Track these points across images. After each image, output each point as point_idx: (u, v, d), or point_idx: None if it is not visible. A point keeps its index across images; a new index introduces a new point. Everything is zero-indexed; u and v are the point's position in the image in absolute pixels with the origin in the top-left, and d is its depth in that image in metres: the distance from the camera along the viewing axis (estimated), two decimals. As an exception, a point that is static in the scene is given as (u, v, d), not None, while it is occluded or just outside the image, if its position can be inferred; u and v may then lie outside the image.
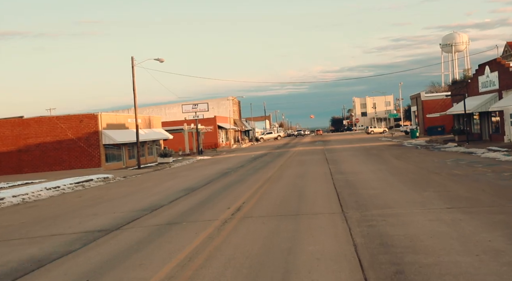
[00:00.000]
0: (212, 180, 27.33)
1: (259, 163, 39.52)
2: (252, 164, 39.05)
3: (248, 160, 45.15)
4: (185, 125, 74.54)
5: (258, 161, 41.54)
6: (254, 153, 60.74)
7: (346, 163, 32.32)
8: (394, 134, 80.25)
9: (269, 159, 44.07)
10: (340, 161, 34.66)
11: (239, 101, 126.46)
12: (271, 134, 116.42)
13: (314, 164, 33.08)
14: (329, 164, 31.77)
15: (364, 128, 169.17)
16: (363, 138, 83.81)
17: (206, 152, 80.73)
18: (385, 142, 63.81)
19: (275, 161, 39.48)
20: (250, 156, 53.11)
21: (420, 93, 68.28)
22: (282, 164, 36.11)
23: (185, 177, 30.94)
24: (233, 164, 41.14)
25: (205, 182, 26.61)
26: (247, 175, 29.16)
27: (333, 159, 36.58)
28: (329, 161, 35.31)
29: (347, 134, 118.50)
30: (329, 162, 34.16)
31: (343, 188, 19.51)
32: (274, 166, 34.32)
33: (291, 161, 38.72)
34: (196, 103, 76.75)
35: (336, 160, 35.41)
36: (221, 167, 37.85)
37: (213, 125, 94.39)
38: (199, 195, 20.84)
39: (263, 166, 35.46)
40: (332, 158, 38.17)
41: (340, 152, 46.24)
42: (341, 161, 33.99)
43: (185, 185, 25.47)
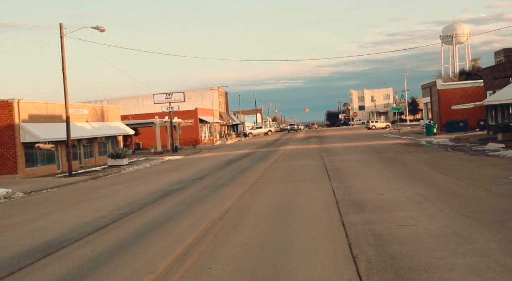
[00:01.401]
0: (126, 214, 15.78)
1: (229, 171, 28.00)
2: (219, 173, 27.56)
3: (220, 164, 33.72)
4: (156, 118, 62.94)
5: (230, 168, 30.08)
6: (236, 152, 49.30)
7: (358, 177, 20.64)
8: (402, 130, 68.97)
9: (247, 163, 32.65)
10: (347, 172, 23.05)
11: (226, 92, 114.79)
12: (260, 129, 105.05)
13: (308, 179, 21.56)
14: (331, 181, 19.99)
15: (362, 122, 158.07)
16: (365, 134, 72.41)
17: (184, 149, 69.51)
18: (395, 139, 52.46)
19: (253, 169, 28.00)
20: (227, 157, 41.69)
21: (435, 81, 56.94)
22: (260, 175, 24.61)
23: (98, 202, 19.29)
24: (197, 171, 29.68)
25: (102, 223, 14.92)
26: (189, 204, 17.50)
27: (336, 168, 25.14)
28: (330, 172, 23.74)
29: (344, 129, 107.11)
30: (331, 174, 22.52)
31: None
32: (247, 180, 22.82)
33: (275, 169, 27.25)
34: (170, 93, 65.16)
35: (341, 171, 23.87)
36: (174, 178, 26.29)
37: (194, 119, 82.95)
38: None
39: (231, 179, 23.93)
40: (334, 165, 26.71)
41: (343, 154, 34.79)
42: (349, 173, 22.38)
43: (65, 228, 13.91)
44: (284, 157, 35.44)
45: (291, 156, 35.73)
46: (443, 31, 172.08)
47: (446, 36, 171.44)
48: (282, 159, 34.03)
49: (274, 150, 46.48)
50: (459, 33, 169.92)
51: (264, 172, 25.60)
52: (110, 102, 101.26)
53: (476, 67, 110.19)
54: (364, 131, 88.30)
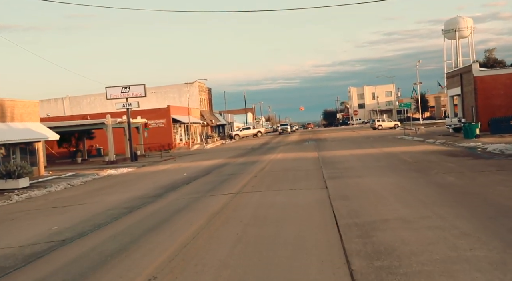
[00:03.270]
0: None
1: (153, 214, 14.21)
2: (121, 223, 13.77)
3: (152, 192, 20.02)
4: (108, 117, 49.31)
5: (147, 212, 16.24)
6: (204, 163, 36.17)
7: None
8: (420, 130, 55.44)
9: (190, 195, 18.97)
10: (395, 244, 9.11)
11: (210, 88, 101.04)
12: (248, 130, 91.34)
13: (295, 268, 7.90)
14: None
15: (363, 122, 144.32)
16: (372, 136, 58.84)
17: (150, 156, 56.32)
18: (420, 144, 38.95)
19: (197, 211, 14.22)
20: (188, 171, 28.30)
21: (470, 66, 43.19)
22: (192, 238, 10.89)
23: None
24: (111, 206, 16.01)
25: None
26: None
27: (361, 221, 11.18)
28: (350, 234, 9.80)
29: (345, 130, 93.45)
30: (354, 249, 8.78)
31: None
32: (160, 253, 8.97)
33: (229, 221, 13.50)
34: (127, 86, 51.53)
35: (377, 235, 9.95)
36: (28, 236, 12.66)
37: (166, 119, 69.31)
38: None
39: (115, 253, 10.14)
40: (351, 208, 12.63)
41: (357, 173, 21.03)
42: (405, 253, 8.60)
43: None
44: (262, 177, 21.76)
45: (272, 176, 22.02)
46: (445, 25, 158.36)
47: (449, 30, 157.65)
48: (258, 182, 20.34)
49: (255, 161, 32.85)
50: (462, 27, 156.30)
51: (193, 240, 11.83)
52: (72, 100, 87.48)
53: (493, 58, 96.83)
54: (369, 131, 74.76)
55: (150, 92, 62.93)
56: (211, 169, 30.01)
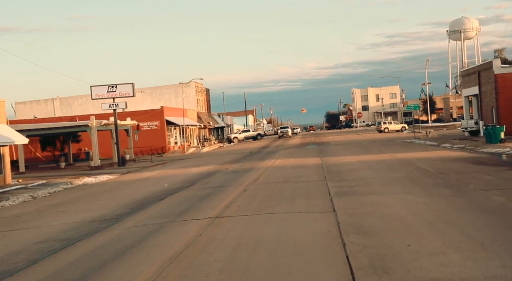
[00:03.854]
0: None
1: (82, 259, 10.06)
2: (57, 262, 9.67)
3: (127, 208, 15.95)
4: (92, 119, 45.26)
5: (113, 233, 12.11)
6: (193, 170, 32.28)
7: None
8: (431, 134, 51.22)
9: (172, 210, 14.87)
10: None
11: (207, 89, 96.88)
12: (248, 133, 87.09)
13: None
14: None
15: (367, 124, 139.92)
16: (380, 140, 54.69)
17: (141, 160, 52.52)
18: (436, 149, 34.83)
19: (150, 252, 10.12)
20: (174, 179, 24.27)
21: (491, 63, 38.84)
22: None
23: None
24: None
25: None
26: None
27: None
28: None
29: (348, 133, 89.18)
30: None
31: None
32: None
33: (207, 263, 9.44)
34: (114, 85, 47.44)
35: None
36: None
37: (160, 120, 65.23)
38: None
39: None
40: (375, 254, 8.76)
41: (372, 187, 16.79)
42: None
43: None
44: (253, 192, 17.60)
45: (266, 191, 17.81)
46: (450, 25, 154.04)
47: (454, 31, 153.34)
48: (247, 199, 16.19)
49: (249, 169, 28.73)
50: (467, 27, 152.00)
51: None
52: (63, 101, 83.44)
53: (503, 58, 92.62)
54: (375, 134, 70.53)
55: (140, 92, 58.94)
56: (197, 178, 25.91)
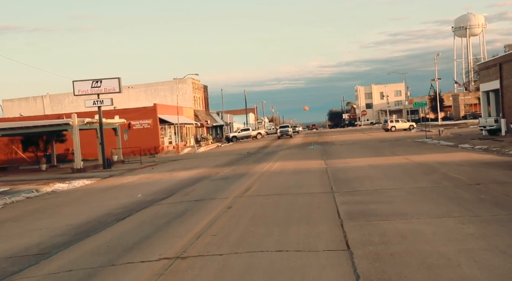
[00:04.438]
0: None
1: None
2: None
3: (69, 235, 11.96)
4: (74, 117, 41.29)
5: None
6: (180, 175, 28.61)
7: None
8: (444, 133, 47.06)
9: (125, 241, 10.90)
10: None
11: (205, 86, 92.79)
12: (247, 132, 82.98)
13: None
14: None
15: (371, 122, 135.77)
16: (388, 140, 50.62)
17: (129, 161, 48.98)
18: (454, 150, 30.80)
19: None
20: (167, 181, 20.49)
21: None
22: None
23: None
24: None
25: None
26: None
27: None
28: None
29: (353, 131, 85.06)
30: None
31: None
32: None
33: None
34: (98, 80, 43.45)
35: None
36: None
37: (153, 119, 61.27)
38: None
39: None
40: None
41: (405, 212, 12.68)
42: None
43: None
44: (238, 212, 13.52)
45: (255, 209, 13.68)
46: (456, 22, 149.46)
47: (459, 27, 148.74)
48: (227, 224, 12.14)
49: (242, 175, 24.72)
50: (473, 24, 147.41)
51: None
52: (53, 98, 79.44)
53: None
54: (382, 133, 66.42)
55: (127, 87, 54.89)
56: (180, 186, 21.90)
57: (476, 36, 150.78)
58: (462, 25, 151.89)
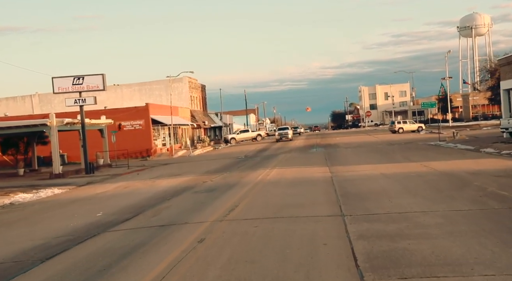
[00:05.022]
0: None
1: None
2: None
3: None
4: (52, 117, 37.48)
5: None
6: (165, 182, 24.77)
7: None
8: (458, 136, 43.10)
9: None
10: None
11: (203, 85, 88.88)
12: (247, 133, 79.10)
13: None
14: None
15: (375, 124, 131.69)
16: (396, 142, 46.67)
17: (116, 166, 45.05)
18: (478, 156, 26.87)
19: None
20: (145, 192, 16.84)
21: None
22: None
23: None
24: None
25: None
26: None
27: None
28: None
29: (357, 133, 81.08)
30: None
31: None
32: None
33: None
34: (80, 76, 39.64)
35: None
36: None
37: (145, 119, 57.40)
38: None
39: None
40: None
41: (459, 260, 8.87)
42: None
43: None
44: (210, 252, 9.67)
45: (236, 245, 9.77)
46: (461, 21, 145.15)
47: (465, 27, 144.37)
48: (195, 266, 8.31)
49: (232, 186, 20.81)
50: (479, 23, 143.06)
51: None
52: (43, 98, 75.65)
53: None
54: (388, 135, 62.47)
55: (114, 86, 51.05)
56: (154, 201, 18.04)
57: (482, 36, 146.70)
58: (468, 25, 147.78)
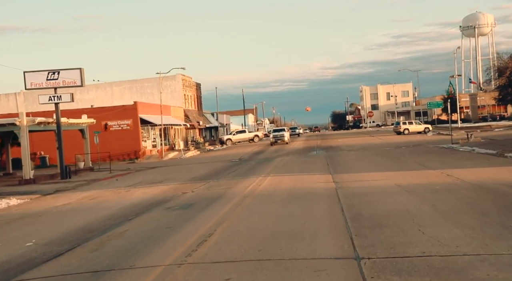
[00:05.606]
0: None
1: None
2: None
3: None
4: (22, 115, 33.62)
5: None
6: (139, 193, 21.07)
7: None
8: (472, 138, 39.23)
9: None
10: None
11: (198, 83, 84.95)
12: (243, 134, 75.17)
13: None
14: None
15: (377, 124, 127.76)
16: (404, 144, 42.80)
17: (99, 169, 41.46)
18: (506, 162, 23.01)
19: None
20: (111, 206, 13.27)
21: None
22: None
23: None
24: None
25: None
26: None
27: None
28: None
29: (360, 134, 77.10)
30: None
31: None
32: None
33: None
34: (55, 70, 35.83)
35: None
36: None
37: (133, 119, 53.53)
38: None
39: None
40: None
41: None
42: None
43: None
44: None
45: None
46: (464, 21, 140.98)
47: (468, 26, 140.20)
48: None
49: (214, 200, 16.95)
50: (482, 23, 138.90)
51: None
52: (28, 96, 71.55)
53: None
54: (393, 137, 58.58)
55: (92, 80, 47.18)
56: (111, 221, 14.23)
57: (485, 35, 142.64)
58: (471, 24, 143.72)
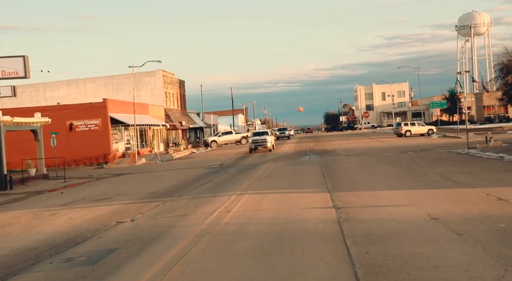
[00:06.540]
0: None
1: None
2: None
3: None
4: None
5: None
6: (55, 222, 14.90)
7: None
8: (492, 141, 33.49)
9: None
10: None
11: (182, 81, 78.73)
12: (230, 136, 69.03)
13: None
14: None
15: (372, 126, 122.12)
16: (410, 148, 36.97)
17: (57, 177, 35.44)
18: None
19: None
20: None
21: None
22: None
23: None
24: None
25: None
26: None
27: None
28: None
29: (356, 136, 71.19)
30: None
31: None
32: None
33: None
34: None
35: None
36: None
37: (102, 118, 47.33)
38: None
39: None
40: None
41: None
42: None
43: None
44: None
45: None
46: (459, 20, 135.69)
47: (463, 26, 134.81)
48: None
49: (157, 237, 10.95)
50: (478, 22, 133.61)
51: None
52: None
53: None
54: (395, 139, 52.71)
55: (41, 71, 41.03)
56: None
57: (481, 35, 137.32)
58: (467, 24, 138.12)
